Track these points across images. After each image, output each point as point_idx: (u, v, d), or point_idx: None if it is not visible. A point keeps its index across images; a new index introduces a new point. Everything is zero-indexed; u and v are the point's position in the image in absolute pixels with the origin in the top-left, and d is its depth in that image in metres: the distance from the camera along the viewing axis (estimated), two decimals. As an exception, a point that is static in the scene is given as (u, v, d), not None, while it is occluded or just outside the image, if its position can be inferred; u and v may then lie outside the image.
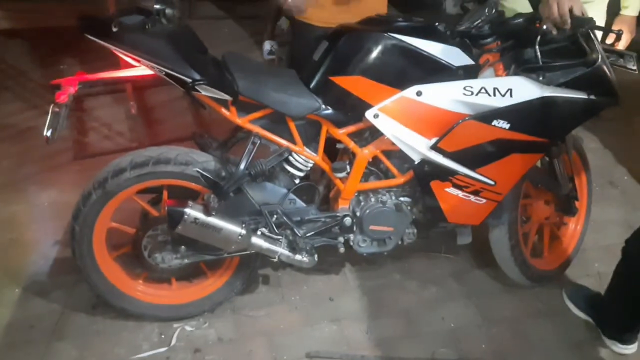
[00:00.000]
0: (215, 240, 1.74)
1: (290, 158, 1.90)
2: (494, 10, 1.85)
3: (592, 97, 1.77)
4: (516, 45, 1.83)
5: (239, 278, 2.06)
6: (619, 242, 1.92)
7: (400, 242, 2.04)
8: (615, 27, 2.22)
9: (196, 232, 1.72)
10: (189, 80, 1.59)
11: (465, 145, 1.77)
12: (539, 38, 1.75)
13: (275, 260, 1.85)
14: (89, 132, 3.32)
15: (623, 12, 2.25)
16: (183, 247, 1.86)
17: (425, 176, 1.86)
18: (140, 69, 1.68)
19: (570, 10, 1.66)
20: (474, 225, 2.08)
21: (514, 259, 2.12)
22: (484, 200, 1.90)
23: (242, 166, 1.75)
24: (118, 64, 1.81)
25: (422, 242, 2.20)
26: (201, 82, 1.59)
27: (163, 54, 1.59)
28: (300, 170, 1.90)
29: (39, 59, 4.22)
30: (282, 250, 1.84)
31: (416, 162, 1.83)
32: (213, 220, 1.71)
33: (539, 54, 1.76)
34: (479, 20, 1.84)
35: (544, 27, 1.72)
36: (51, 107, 1.66)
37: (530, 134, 1.77)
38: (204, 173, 1.76)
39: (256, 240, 1.80)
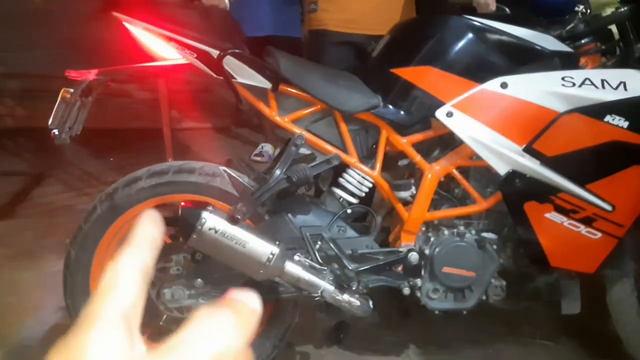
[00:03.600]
0: (238, 259, 1.31)
1: (341, 179, 1.53)
2: (588, 10, 1.55)
3: None
4: (622, 42, 1.50)
5: (269, 339, 1.56)
6: None
7: (484, 298, 1.53)
8: None
9: (214, 245, 1.30)
10: (217, 51, 1.32)
11: (570, 149, 1.36)
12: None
13: (317, 297, 1.38)
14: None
15: None
16: (200, 280, 1.43)
17: (516, 196, 1.42)
18: (166, 60, 1.44)
19: None
20: (582, 286, 1.56)
21: (646, 331, 1.53)
22: (599, 235, 1.42)
23: (279, 171, 1.38)
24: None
25: (509, 323, 1.67)
26: (234, 51, 1.32)
27: (194, 27, 1.36)
28: (352, 192, 1.51)
29: (88, 153, 4.22)
30: (326, 285, 1.37)
31: (503, 176, 1.41)
32: (237, 231, 1.30)
33: (653, 46, 1.42)
34: (572, 24, 1.53)
35: None
36: (61, 92, 1.41)
37: (657, 138, 1.35)
38: (232, 174, 1.41)
39: (293, 267, 1.35)
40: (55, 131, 1.44)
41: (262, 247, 1.31)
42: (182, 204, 1.35)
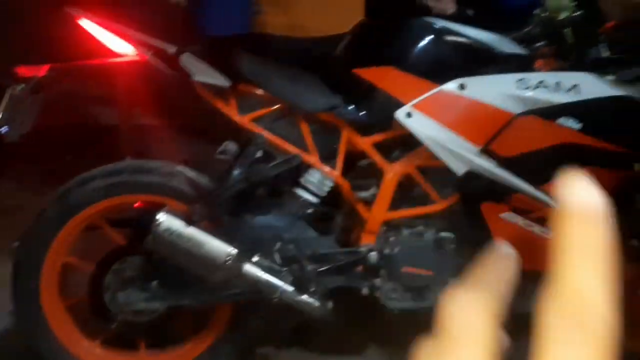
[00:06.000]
0: (195, 261, 1.29)
1: (302, 179, 1.52)
2: (544, 14, 1.59)
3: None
4: (577, 45, 1.53)
5: (226, 345, 1.54)
6: None
7: (443, 297, 1.54)
8: None
9: (170, 247, 1.27)
10: (174, 48, 1.29)
11: (525, 150, 1.39)
12: (603, 35, 1.47)
13: (276, 299, 1.37)
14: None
15: None
16: (156, 282, 1.40)
17: (473, 196, 1.44)
18: (123, 57, 1.40)
19: None
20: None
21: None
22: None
23: (237, 171, 1.37)
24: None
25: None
26: (192, 48, 1.29)
27: (150, 23, 1.32)
28: (313, 192, 1.50)
29: (44, 151, 4.08)
30: (285, 287, 1.36)
31: (461, 176, 1.42)
32: (194, 232, 1.28)
33: (606, 50, 1.46)
34: (528, 28, 1.56)
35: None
36: (10, 89, 1.35)
37: (608, 140, 1.39)
38: (190, 174, 1.38)
39: (250, 268, 1.34)
40: (4, 129, 1.38)
41: (219, 249, 1.29)
42: (138, 204, 1.32)
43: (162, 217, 1.25)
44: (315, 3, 1.76)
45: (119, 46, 1.38)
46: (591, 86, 1.40)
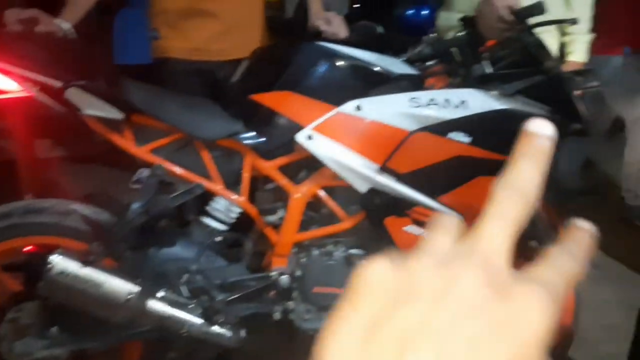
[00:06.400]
0: (93, 303, 1.23)
1: (208, 208, 1.50)
2: (433, 34, 1.68)
3: (555, 115, 1.55)
4: (463, 63, 1.63)
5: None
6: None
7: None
8: None
9: (66, 291, 1.21)
10: (59, 83, 1.24)
11: (421, 165, 1.44)
12: (487, 52, 1.57)
13: (185, 333, 1.33)
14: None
15: (569, 57, 2.16)
16: (55, 328, 1.32)
17: (377, 212, 1.48)
18: (7, 93, 1.34)
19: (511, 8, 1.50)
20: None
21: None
22: (454, 243, 1.52)
23: (137, 204, 1.33)
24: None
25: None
26: (77, 83, 1.25)
27: (34, 57, 1.27)
28: (220, 219, 1.49)
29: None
30: (193, 320, 1.33)
31: (363, 194, 1.46)
32: (90, 272, 1.22)
33: (489, 67, 1.56)
34: (419, 48, 1.65)
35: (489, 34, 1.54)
36: None
37: (495, 151, 1.48)
38: (85, 211, 1.33)
39: (155, 304, 1.30)
40: None
41: (119, 287, 1.24)
42: (29, 248, 1.25)
43: (55, 259, 1.19)
44: (215, 27, 1.75)
45: (2, 83, 1.31)
46: (477, 101, 1.48)
